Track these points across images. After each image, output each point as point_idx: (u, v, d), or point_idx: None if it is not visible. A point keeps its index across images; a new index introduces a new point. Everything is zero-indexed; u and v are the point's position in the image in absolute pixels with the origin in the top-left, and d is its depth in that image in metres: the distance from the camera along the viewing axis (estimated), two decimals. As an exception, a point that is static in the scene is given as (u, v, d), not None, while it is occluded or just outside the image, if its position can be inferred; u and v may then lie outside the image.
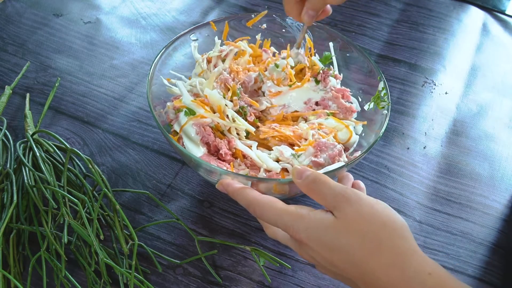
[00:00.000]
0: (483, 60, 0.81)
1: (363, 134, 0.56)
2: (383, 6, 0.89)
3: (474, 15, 0.88)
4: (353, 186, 0.48)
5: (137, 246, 0.50)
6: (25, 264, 0.52)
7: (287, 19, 0.63)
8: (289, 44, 0.62)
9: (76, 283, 0.48)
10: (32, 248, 0.52)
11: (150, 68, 0.55)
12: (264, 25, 0.63)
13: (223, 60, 0.60)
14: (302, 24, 0.62)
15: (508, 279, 0.54)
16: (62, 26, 0.80)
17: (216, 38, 0.61)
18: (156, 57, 0.56)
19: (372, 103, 0.56)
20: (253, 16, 0.62)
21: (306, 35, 0.62)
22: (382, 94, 0.56)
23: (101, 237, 0.49)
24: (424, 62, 0.79)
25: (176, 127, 0.54)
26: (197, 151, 0.51)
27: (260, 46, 0.63)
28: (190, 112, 0.53)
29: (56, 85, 0.70)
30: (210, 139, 0.52)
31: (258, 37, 0.63)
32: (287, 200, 0.58)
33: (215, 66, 0.60)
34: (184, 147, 0.51)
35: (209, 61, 0.60)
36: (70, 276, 0.48)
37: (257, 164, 0.51)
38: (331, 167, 0.50)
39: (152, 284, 0.51)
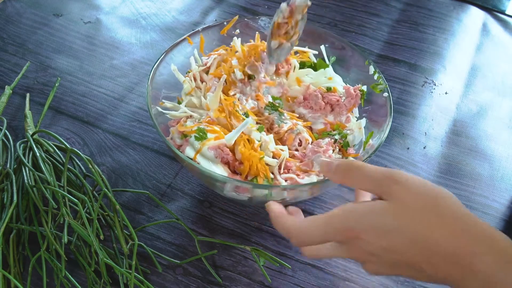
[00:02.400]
0: (483, 60, 0.80)
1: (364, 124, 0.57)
2: (383, 6, 0.89)
3: (474, 15, 0.88)
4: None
5: (137, 246, 0.50)
6: (25, 264, 0.52)
7: (259, 21, 0.63)
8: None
9: (76, 283, 0.48)
10: (32, 248, 0.52)
11: (149, 74, 0.55)
12: (238, 31, 0.63)
13: (207, 72, 0.59)
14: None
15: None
16: (62, 26, 0.80)
17: (196, 51, 0.61)
18: (153, 65, 0.56)
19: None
20: (225, 23, 0.62)
21: None
22: (375, 78, 0.56)
23: (101, 237, 0.49)
24: (424, 62, 0.79)
25: (189, 153, 0.51)
26: (220, 173, 0.50)
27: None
28: (201, 137, 0.51)
29: (56, 85, 0.70)
30: (230, 158, 0.50)
31: (232, 43, 0.62)
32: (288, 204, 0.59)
33: (202, 81, 0.58)
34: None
35: (195, 78, 0.58)
36: (70, 276, 0.48)
37: None
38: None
39: (152, 284, 0.51)
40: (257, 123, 0.55)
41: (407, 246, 0.35)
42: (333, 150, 0.54)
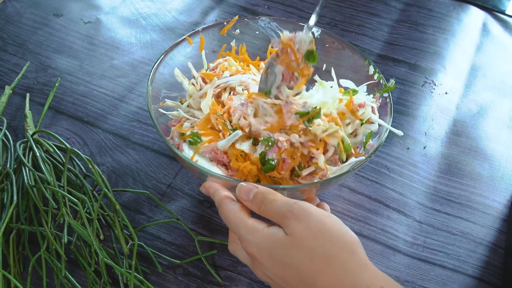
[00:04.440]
0: (483, 60, 0.80)
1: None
2: (383, 6, 0.89)
3: (474, 15, 0.88)
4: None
5: (137, 246, 0.50)
6: (25, 264, 0.52)
7: (259, 21, 0.63)
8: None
9: (76, 283, 0.48)
10: (32, 248, 0.52)
11: (149, 74, 0.55)
12: (238, 31, 0.63)
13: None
14: (275, 24, 0.61)
15: (508, 278, 0.54)
16: (62, 26, 0.80)
17: (203, 55, 0.61)
18: (153, 65, 0.55)
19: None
20: (225, 23, 0.61)
21: (280, 33, 0.62)
22: (375, 78, 0.55)
23: (101, 237, 0.49)
24: (424, 62, 0.79)
25: (187, 153, 0.51)
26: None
27: (236, 52, 0.62)
28: (195, 141, 0.51)
29: (56, 85, 0.70)
30: (225, 160, 0.50)
31: (233, 43, 0.62)
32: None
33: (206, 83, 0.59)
34: None
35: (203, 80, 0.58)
36: (70, 276, 0.48)
37: None
38: (336, 173, 0.50)
39: (152, 284, 0.51)
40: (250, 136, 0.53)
41: (295, 281, 0.36)
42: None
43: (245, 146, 0.51)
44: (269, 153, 0.49)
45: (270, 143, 0.49)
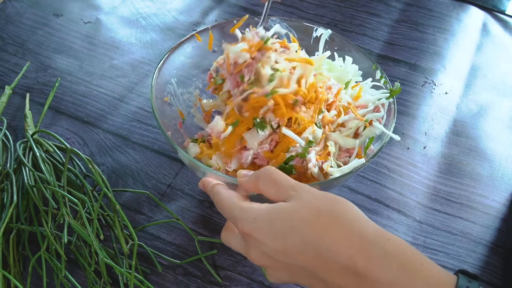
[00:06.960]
0: (483, 60, 0.81)
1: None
2: (383, 6, 0.89)
3: (474, 15, 0.89)
4: None
5: (137, 246, 0.50)
6: (25, 264, 0.52)
7: (269, 21, 0.63)
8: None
9: (76, 283, 0.48)
10: (32, 248, 0.52)
11: (151, 73, 0.55)
12: (247, 30, 0.63)
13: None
14: (285, 25, 0.62)
15: (508, 278, 0.54)
16: (62, 26, 0.80)
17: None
18: (158, 64, 0.55)
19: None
20: (235, 22, 0.61)
21: (290, 34, 0.62)
22: (382, 83, 0.55)
23: (101, 237, 0.49)
24: (424, 62, 0.79)
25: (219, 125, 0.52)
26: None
27: None
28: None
29: (56, 85, 0.70)
30: None
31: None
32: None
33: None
34: None
35: (209, 77, 0.58)
36: (70, 276, 0.48)
37: None
38: (340, 172, 0.50)
39: (152, 284, 0.51)
40: None
41: (299, 247, 0.35)
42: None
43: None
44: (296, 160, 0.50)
45: (306, 151, 0.50)
